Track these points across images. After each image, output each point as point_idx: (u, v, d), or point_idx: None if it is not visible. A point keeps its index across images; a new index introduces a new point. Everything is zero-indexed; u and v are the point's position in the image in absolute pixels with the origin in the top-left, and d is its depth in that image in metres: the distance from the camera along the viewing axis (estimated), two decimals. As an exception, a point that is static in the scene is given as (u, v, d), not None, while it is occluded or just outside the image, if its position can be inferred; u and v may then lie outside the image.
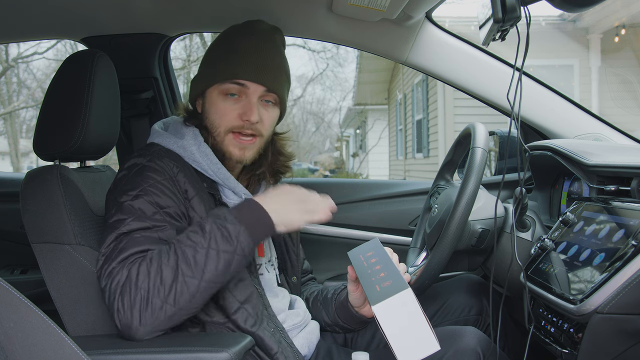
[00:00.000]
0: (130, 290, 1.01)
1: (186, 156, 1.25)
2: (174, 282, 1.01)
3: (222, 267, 1.04)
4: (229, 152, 1.27)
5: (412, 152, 11.36)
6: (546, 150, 1.42)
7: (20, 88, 13.69)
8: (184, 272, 1.02)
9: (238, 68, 1.25)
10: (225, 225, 1.06)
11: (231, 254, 1.04)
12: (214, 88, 1.27)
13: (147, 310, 1.00)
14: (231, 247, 1.04)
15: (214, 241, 1.04)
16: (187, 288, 1.01)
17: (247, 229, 1.06)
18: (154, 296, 1.00)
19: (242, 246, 1.05)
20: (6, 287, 0.61)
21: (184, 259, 1.03)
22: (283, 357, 1.16)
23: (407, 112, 11.87)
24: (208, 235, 1.05)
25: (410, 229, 1.95)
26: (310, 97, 20.04)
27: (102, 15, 1.74)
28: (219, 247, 1.04)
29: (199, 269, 1.02)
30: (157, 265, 1.02)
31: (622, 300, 0.93)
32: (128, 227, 1.09)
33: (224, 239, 1.04)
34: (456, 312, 1.47)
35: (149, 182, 1.15)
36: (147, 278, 1.01)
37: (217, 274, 1.04)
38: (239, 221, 1.07)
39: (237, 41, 1.29)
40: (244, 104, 1.26)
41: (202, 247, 1.03)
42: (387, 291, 1.01)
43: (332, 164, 19.96)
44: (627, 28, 7.28)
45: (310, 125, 21.36)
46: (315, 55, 16.93)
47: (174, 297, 1.01)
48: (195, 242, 1.04)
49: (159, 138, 1.28)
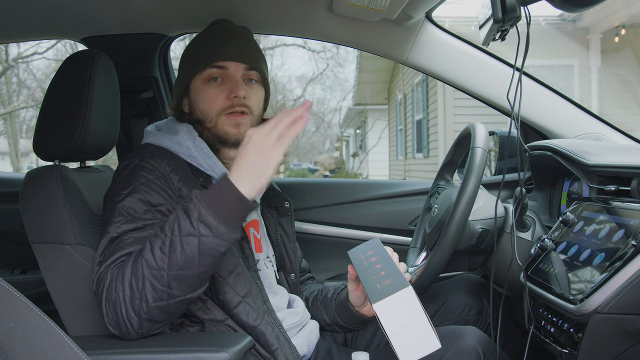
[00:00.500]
0: (112, 294, 1.02)
1: (181, 152, 1.25)
2: (144, 277, 1.01)
3: (189, 253, 1.00)
4: (225, 133, 1.28)
5: (412, 152, 11.36)
6: (546, 150, 1.42)
7: (20, 88, 13.70)
8: (150, 265, 1.01)
9: (216, 52, 1.29)
10: (186, 208, 1.02)
11: (195, 237, 1.00)
12: (196, 79, 1.30)
13: (129, 311, 1.01)
14: (193, 230, 1.00)
15: (176, 227, 1.01)
16: (156, 281, 1.00)
17: (209, 208, 1.00)
18: (129, 296, 1.01)
19: (208, 227, 1.00)
20: (6, 287, 0.61)
21: (150, 250, 1.02)
22: (282, 353, 1.16)
23: (407, 112, 11.87)
24: (171, 222, 1.03)
25: (410, 229, 1.95)
26: (310, 97, 20.03)
27: (102, 15, 1.74)
28: (181, 232, 1.00)
29: (162, 259, 1.00)
30: (132, 264, 1.03)
31: (622, 300, 0.93)
32: (118, 231, 1.10)
33: (185, 223, 1.01)
34: (456, 312, 1.47)
35: (141, 181, 1.15)
36: (123, 278, 1.02)
37: (185, 261, 1.00)
38: (199, 200, 1.01)
39: (209, 34, 1.34)
40: (228, 84, 1.28)
41: (166, 236, 1.02)
42: (388, 289, 1.01)
43: (332, 164, 19.96)
44: (627, 28, 7.28)
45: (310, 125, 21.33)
46: (315, 55, 16.93)
47: (145, 293, 1.00)
48: (160, 232, 1.03)
49: (152, 138, 1.29)
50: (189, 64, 1.33)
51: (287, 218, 1.47)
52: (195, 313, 1.17)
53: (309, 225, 1.99)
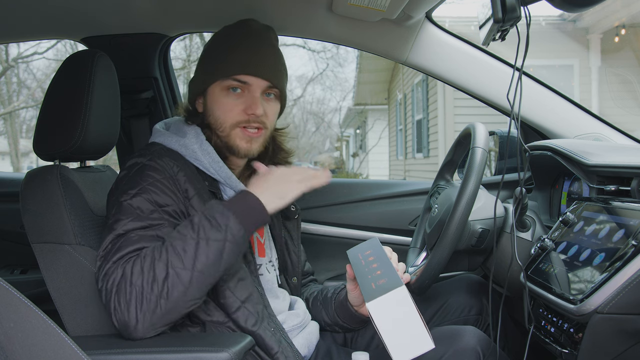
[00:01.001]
0: (125, 289, 1.01)
1: (188, 154, 1.25)
2: (167, 276, 1.01)
3: (214, 256, 1.04)
4: (236, 146, 1.28)
5: (412, 152, 11.35)
6: (546, 150, 1.42)
7: (20, 88, 13.69)
8: (174, 265, 1.02)
9: (241, 65, 1.26)
10: (213, 215, 1.07)
11: (221, 242, 1.05)
12: (216, 85, 1.28)
13: (143, 307, 1.00)
14: (221, 235, 1.05)
15: (202, 231, 1.05)
16: (179, 280, 1.01)
17: (235, 215, 1.06)
18: (148, 292, 1.00)
19: (233, 233, 1.05)
20: (6, 287, 0.61)
21: (174, 252, 1.03)
22: (283, 356, 1.16)
23: (407, 112, 11.87)
24: (197, 226, 1.06)
25: (410, 229, 1.95)
26: (310, 97, 20.03)
27: (102, 15, 1.74)
28: (208, 236, 1.04)
29: (189, 259, 1.02)
30: (150, 261, 1.03)
31: (622, 300, 0.93)
32: (125, 228, 1.09)
33: (213, 228, 1.05)
34: (456, 312, 1.47)
35: (149, 181, 1.15)
36: (141, 275, 1.01)
37: (209, 264, 1.04)
38: (227, 209, 1.08)
39: (235, 39, 1.31)
40: (247, 99, 1.27)
41: (192, 238, 1.04)
42: (382, 288, 1.01)
43: (332, 164, 19.95)
44: (627, 28, 7.28)
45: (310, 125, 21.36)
46: (315, 55, 16.91)
47: (167, 291, 1.01)
48: (184, 234, 1.05)
49: (160, 137, 1.29)
50: (210, 67, 1.30)
51: (292, 221, 1.46)
52: (197, 314, 1.16)
53: (310, 225, 1.99)
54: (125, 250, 1.06)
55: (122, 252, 1.06)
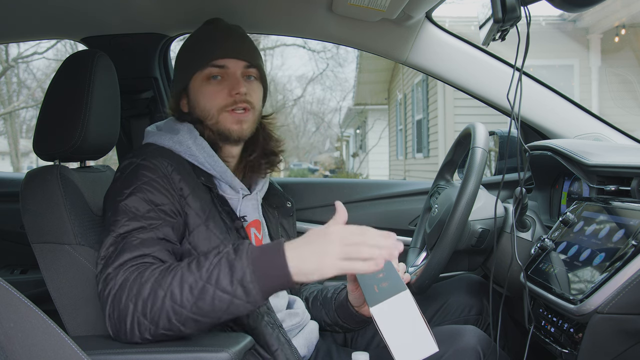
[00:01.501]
0: (120, 302, 0.99)
1: (182, 151, 1.25)
2: (163, 305, 0.97)
3: (217, 306, 0.96)
4: (227, 130, 1.29)
5: (412, 152, 11.35)
6: (546, 150, 1.42)
7: (20, 88, 13.69)
8: (174, 298, 0.96)
9: (215, 50, 1.29)
10: (232, 263, 0.96)
11: (229, 296, 0.95)
12: (195, 78, 1.30)
13: (134, 326, 0.99)
14: (230, 289, 0.95)
15: (214, 275, 0.96)
16: (174, 315, 0.97)
17: (255, 273, 0.94)
18: (143, 316, 0.98)
19: (245, 293, 0.94)
20: (6, 287, 0.61)
21: (179, 284, 0.97)
22: (283, 354, 1.16)
23: (407, 112, 11.87)
24: (212, 266, 0.97)
25: (410, 229, 1.95)
26: (310, 97, 20.03)
27: (102, 15, 1.74)
28: (218, 284, 0.95)
29: (188, 300, 0.96)
30: (152, 285, 0.98)
31: (622, 300, 0.93)
32: (124, 228, 1.09)
33: (226, 278, 0.95)
34: (456, 312, 1.47)
35: (143, 180, 1.15)
36: (139, 294, 0.98)
37: (210, 311, 0.96)
38: (249, 262, 0.95)
39: (205, 33, 1.35)
40: (229, 82, 1.29)
41: (201, 279, 0.96)
42: (385, 292, 1.00)
43: (332, 164, 19.96)
44: (627, 28, 7.28)
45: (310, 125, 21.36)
46: (315, 55, 16.92)
47: (158, 321, 0.97)
48: (198, 268, 0.98)
49: (153, 137, 1.29)
50: (187, 63, 1.33)
51: (289, 219, 1.46)
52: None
53: (309, 225, 1.99)
54: (126, 256, 1.05)
55: (124, 258, 1.05)
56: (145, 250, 1.07)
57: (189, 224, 1.17)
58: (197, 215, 1.18)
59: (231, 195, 1.29)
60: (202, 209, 1.19)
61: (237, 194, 1.30)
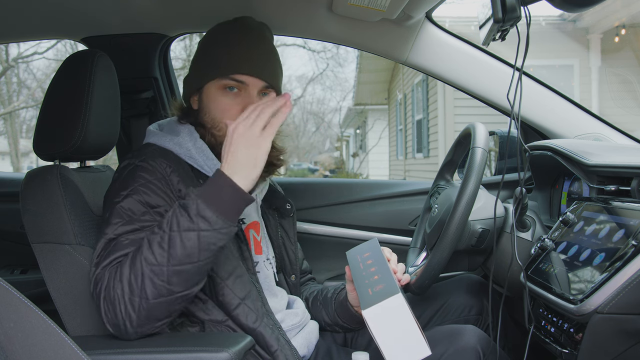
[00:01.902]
0: (110, 293, 1.02)
1: (182, 153, 1.25)
2: (143, 275, 1.00)
3: (189, 247, 1.00)
4: None
5: (412, 152, 11.35)
6: (546, 150, 1.42)
7: (20, 88, 13.70)
8: (149, 262, 1.00)
9: (239, 64, 1.25)
10: (184, 205, 1.03)
11: (195, 232, 1.00)
12: (212, 84, 1.27)
13: (128, 309, 1.01)
14: (192, 225, 1.00)
15: (175, 223, 1.01)
16: (156, 277, 1.00)
17: (206, 202, 1.01)
18: (128, 294, 1.01)
19: (207, 221, 1.00)
20: (6, 287, 0.61)
21: (148, 248, 1.02)
22: (282, 355, 1.16)
23: (407, 112, 11.87)
24: (169, 218, 1.03)
25: (410, 229, 1.95)
26: (310, 97, 20.05)
27: (102, 15, 1.74)
28: (180, 227, 1.01)
29: (162, 255, 1.00)
30: (130, 262, 1.03)
31: (622, 300, 0.93)
32: (115, 232, 1.10)
33: (183, 218, 1.01)
34: (456, 312, 1.47)
35: (140, 182, 1.15)
36: (121, 277, 1.02)
37: (185, 255, 1.00)
38: (196, 196, 1.02)
39: (233, 37, 1.29)
40: (244, 99, 1.26)
41: (164, 232, 1.02)
42: (379, 295, 1.00)
43: (332, 164, 19.96)
44: (627, 28, 7.28)
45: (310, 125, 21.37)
46: (315, 55, 16.92)
47: (145, 291, 1.00)
48: (158, 229, 1.03)
49: (154, 138, 1.29)
50: (207, 67, 1.29)
51: (288, 220, 1.46)
52: (195, 313, 1.17)
53: (309, 225, 1.99)
54: (114, 256, 1.07)
55: (111, 258, 1.07)
56: (132, 249, 1.07)
57: None
58: None
59: None
60: None
61: None
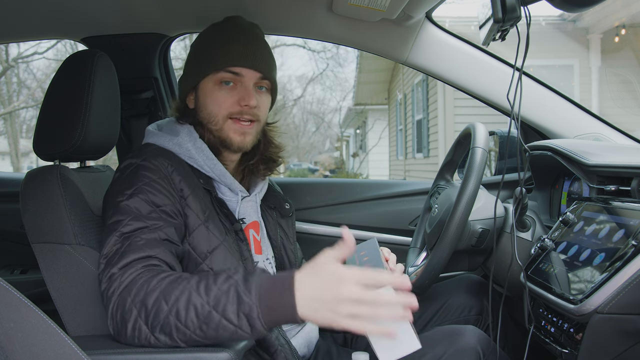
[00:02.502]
0: (125, 304, 0.98)
1: (182, 153, 1.25)
2: (166, 322, 0.95)
3: (221, 333, 0.94)
4: (229, 139, 1.28)
5: (412, 152, 11.35)
6: (546, 150, 1.42)
7: (20, 88, 13.70)
8: (178, 315, 0.95)
9: (233, 56, 1.27)
10: (241, 296, 0.93)
11: (234, 327, 0.93)
12: (208, 79, 1.28)
13: (135, 331, 0.97)
14: (237, 321, 0.93)
15: (221, 305, 0.93)
16: (176, 332, 0.95)
17: (261, 310, 0.91)
18: (144, 323, 0.97)
19: (250, 324, 0.92)
20: (6, 287, 0.61)
21: (185, 304, 0.95)
22: (282, 354, 1.16)
23: (407, 112, 11.87)
24: (221, 293, 0.94)
25: (410, 229, 1.95)
26: (310, 97, 20.06)
27: (102, 15, 1.74)
28: (225, 314, 0.93)
29: (193, 322, 0.94)
30: (157, 296, 0.97)
31: (622, 300, 0.93)
32: (128, 227, 1.08)
33: (232, 310, 0.93)
34: (456, 312, 1.47)
35: (144, 181, 1.15)
36: (143, 304, 0.97)
37: (212, 337, 0.95)
38: (257, 298, 0.92)
39: (226, 33, 1.31)
40: (240, 91, 1.27)
41: (208, 304, 0.94)
42: None
43: (332, 164, 19.97)
44: (627, 28, 7.28)
45: (310, 125, 21.38)
46: (315, 55, 16.94)
47: (160, 334, 0.96)
48: (206, 291, 0.96)
49: (153, 138, 1.29)
50: (201, 62, 1.30)
51: (287, 219, 1.46)
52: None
53: (309, 225, 1.99)
54: (131, 257, 1.04)
55: (129, 259, 1.03)
56: (149, 252, 1.06)
57: (189, 225, 1.17)
58: (197, 216, 1.18)
59: (230, 198, 1.29)
60: (202, 210, 1.19)
61: (236, 196, 1.30)
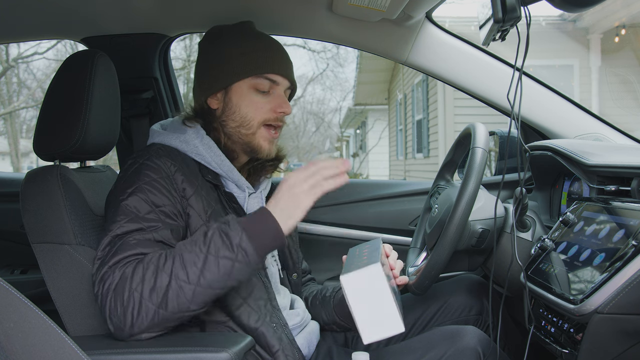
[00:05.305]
0: (123, 293, 1.00)
1: (188, 150, 1.25)
2: (169, 287, 1.00)
3: (222, 273, 1.01)
4: (259, 146, 1.30)
5: (412, 152, 11.35)
6: (546, 150, 1.42)
7: (20, 88, 13.70)
8: (178, 277, 1.00)
9: (274, 64, 1.29)
10: (227, 232, 1.03)
11: (231, 261, 1.02)
12: (244, 82, 1.29)
13: (140, 314, 0.99)
14: (232, 254, 1.02)
15: (213, 247, 1.02)
16: (181, 293, 1.00)
17: (249, 237, 1.03)
18: (147, 300, 0.99)
19: (245, 254, 1.02)
20: (6, 287, 0.60)
21: (180, 264, 1.01)
22: (284, 355, 1.16)
23: (407, 112, 11.87)
24: (209, 240, 1.03)
25: (410, 229, 1.95)
26: (310, 97, 20.06)
27: (102, 15, 1.74)
28: (219, 253, 1.02)
29: (194, 274, 1.00)
30: (153, 269, 1.01)
31: (622, 300, 0.93)
32: (122, 229, 1.09)
33: (225, 246, 1.02)
34: (456, 312, 1.47)
35: (145, 180, 1.15)
36: (142, 282, 1.00)
37: (215, 280, 1.02)
38: (242, 228, 1.03)
39: (262, 40, 1.33)
40: (275, 98, 1.30)
41: (201, 252, 1.02)
42: (359, 265, 1.02)
43: (332, 164, 19.89)
44: (627, 28, 7.28)
45: (310, 125, 21.37)
46: (315, 55, 16.94)
47: (166, 302, 1.00)
48: (194, 247, 1.03)
49: (159, 137, 1.29)
50: (239, 66, 1.28)
51: None
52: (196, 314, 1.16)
53: (309, 225, 1.99)
54: (122, 254, 1.05)
55: (120, 256, 1.05)
56: (141, 250, 1.07)
57: (191, 225, 1.18)
58: (199, 216, 1.18)
59: (237, 194, 1.30)
60: (205, 209, 1.19)
61: (243, 192, 1.31)
